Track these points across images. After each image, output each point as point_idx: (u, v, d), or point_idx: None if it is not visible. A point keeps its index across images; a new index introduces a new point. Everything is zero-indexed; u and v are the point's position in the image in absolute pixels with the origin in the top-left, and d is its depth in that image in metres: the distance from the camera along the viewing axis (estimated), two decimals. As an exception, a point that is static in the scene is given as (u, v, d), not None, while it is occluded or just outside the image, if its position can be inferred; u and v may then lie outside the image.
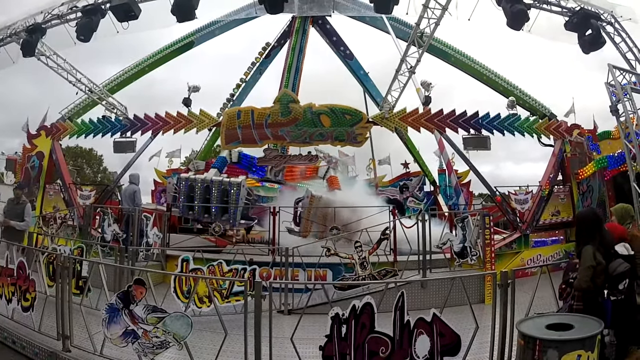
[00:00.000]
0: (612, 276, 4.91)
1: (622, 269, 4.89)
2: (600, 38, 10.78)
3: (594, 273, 4.83)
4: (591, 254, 4.87)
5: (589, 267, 4.83)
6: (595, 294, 4.93)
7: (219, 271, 8.20)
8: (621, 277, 4.89)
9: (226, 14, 18.17)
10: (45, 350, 6.06)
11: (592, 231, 5.09)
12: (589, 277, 4.82)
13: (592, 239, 5.02)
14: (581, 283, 4.87)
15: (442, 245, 10.54)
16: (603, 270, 4.87)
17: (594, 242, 4.98)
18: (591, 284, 4.87)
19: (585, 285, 4.84)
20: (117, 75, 16.45)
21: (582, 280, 4.86)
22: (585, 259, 4.89)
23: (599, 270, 4.85)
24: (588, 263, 4.84)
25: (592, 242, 4.98)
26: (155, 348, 5.19)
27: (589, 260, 4.85)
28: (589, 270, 4.82)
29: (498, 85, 15.19)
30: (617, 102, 8.45)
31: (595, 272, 4.84)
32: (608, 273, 4.90)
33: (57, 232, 12.06)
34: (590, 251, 4.89)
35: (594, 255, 4.86)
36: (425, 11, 11.43)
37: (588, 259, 4.86)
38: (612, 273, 4.90)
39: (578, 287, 4.95)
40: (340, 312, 4.69)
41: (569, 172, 13.52)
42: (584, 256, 4.92)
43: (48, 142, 14.80)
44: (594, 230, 5.10)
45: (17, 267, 6.78)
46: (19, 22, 12.05)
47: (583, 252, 4.95)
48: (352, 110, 15.09)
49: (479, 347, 5.25)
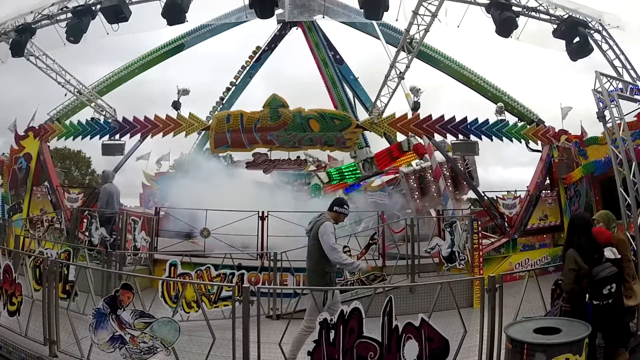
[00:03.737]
0: (594, 280, 5.02)
1: (605, 273, 5.01)
2: (587, 45, 10.91)
3: (577, 276, 4.99)
4: (572, 257, 5.04)
5: (570, 269, 5.05)
6: (581, 296, 5.08)
7: (207, 276, 8.18)
8: (605, 281, 5.01)
9: (216, 17, 18.16)
10: (32, 355, 5.98)
11: (573, 236, 5.31)
12: (572, 280, 5.03)
13: (573, 243, 5.24)
14: (564, 285, 5.12)
15: (431, 250, 10.57)
16: (586, 274, 4.98)
17: (574, 246, 5.19)
18: (575, 287, 5.02)
19: (568, 287, 5.06)
20: (107, 77, 16.35)
21: (564, 283, 5.12)
22: (567, 263, 5.13)
23: (582, 274, 4.99)
24: (569, 266, 5.07)
25: (575, 246, 5.18)
26: (143, 353, 5.14)
27: (570, 264, 5.07)
28: (570, 273, 5.05)
29: (487, 91, 15.34)
30: (604, 108, 8.53)
31: (579, 275, 4.98)
32: (591, 277, 5.02)
33: (44, 235, 11.94)
34: (571, 255, 5.07)
35: (574, 260, 5.01)
36: (415, 17, 11.48)
37: (569, 263, 5.09)
38: (595, 277, 5.03)
39: (563, 289, 5.18)
40: (329, 317, 4.69)
41: (557, 177, 13.66)
42: (566, 260, 5.17)
43: (36, 144, 14.63)
44: (575, 234, 5.31)
45: (4, 270, 6.68)
46: (9, 22, 11.91)
47: (566, 256, 5.20)
48: (341, 115, 15.19)
49: (468, 352, 5.27)
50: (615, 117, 8.49)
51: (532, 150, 14.33)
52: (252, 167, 16.55)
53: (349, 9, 17.38)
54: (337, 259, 5.92)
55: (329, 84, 19.88)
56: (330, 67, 19.94)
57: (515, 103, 14.90)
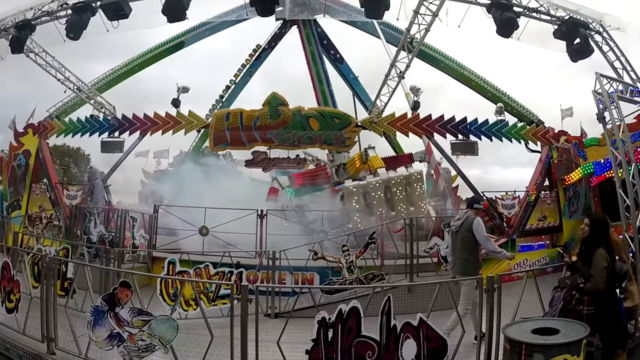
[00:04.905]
0: (619, 276, 5.05)
1: (625, 268, 5.08)
2: (588, 46, 10.93)
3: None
4: (604, 255, 5.00)
5: (604, 268, 4.96)
6: (605, 295, 5.04)
7: (205, 274, 8.16)
8: (625, 276, 5.05)
9: (217, 15, 18.13)
10: (30, 353, 5.97)
11: (604, 235, 5.27)
12: (604, 278, 4.94)
13: (602, 242, 5.18)
14: (598, 284, 4.96)
15: (430, 250, 10.57)
16: (610, 272, 4.98)
17: (604, 245, 5.14)
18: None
19: (602, 286, 4.94)
20: (107, 74, 16.34)
21: (599, 282, 4.95)
22: (600, 261, 5.00)
23: (608, 271, 4.98)
24: (603, 264, 4.97)
25: (603, 245, 5.13)
26: (141, 351, 5.14)
27: (603, 262, 4.98)
28: (604, 271, 4.96)
29: (486, 91, 15.34)
30: (604, 110, 8.52)
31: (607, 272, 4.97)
32: (615, 273, 5.02)
33: (42, 232, 11.92)
34: (603, 253, 5.02)
35: (606, 257, 5.01)
36: (416, 17, 11.49)
37: (602, 261, 4.99)
38: (620, 272, 5.05)
39: (593, 289, 5.01)
40: (327, 316, 4.68)
41: (556, 177, 13.65)
42: (597, 259, 5.03)
43: (35, 141, 14.62)
44: (605, 233, 5.28)
45: (2, 267, 6.68)
46: (9, 18, 11.90)
47: (595, 255, 5.06)
48: (341, 114, 15.17)
49: (466, 352, 5.29)
50: (615, 118, 8.48)
51: (531, 150, 14.34)
52: (252, 165, 16.54)
53: (349, 7, 17.39)
54: (491, 247, 6.82)
55: (315, 79, 19.76)
56: (318, 63, 19.77)
57: (515, 103, 14.90)
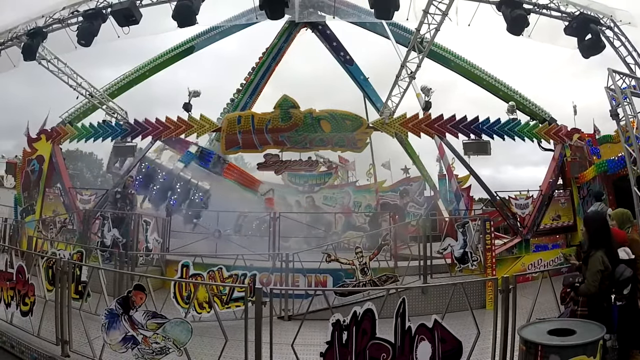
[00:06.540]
0: (618, 281, 4.90)
1: (627, 274, 4.89)
2: (599, 42, 10.80)
3: (602, 278, 4.83)
4: (600, 258, 4.86)
5: (598, 271, 4.82)
6: (600, 299, 4.92)
7: (219, 277, 8.18)
8: (627, 282, 4.89)
9: (227, 19, 18.14)
10: (44, 355, 6.03)
11: (603, 235, 5.10)
12: (598, 282, 4.81)
13: (602, 243, 5.02)
14: (590, 287, 4.85)
15: (443, 251, 10.51)
16: (609, 275, 4.85)
17: (603, 246, 4.98)
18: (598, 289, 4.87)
19: (594, 289, 4.81)
20: (118, 79, 16.41)
21: (590, 285, 4.84)
22: (594, 264, 4.88)
23: (605, 275, 4.84)
24: (598, 267, 4.84)
25: (602, 246, 4.98)
26: (155, 354, 5.16)
27: (598, 265, 4.84)
28: (597, 275, 4.82)
29: (498, 90, 15.21)
30: (617, 106, 8.44)
31: (602, 276, 4.83)
32: (614, 278, 4.89)
33: (56, 237, 12.03)
34: (600, 256, 4.88)
35: (602, 260, 4.85)
36: (426, 17, 11.42)
37: (597, 264, 4.86)
38: (619, 278, 4.89)
39: (586, 292, 4.92)
40: (341, 318, 4.67)
41: (569, 176, 13.52)
42: (592, 261, 4.92)
43: (48, 146, 14.78)
44: (604, 234, 5.11)
45: (17, 271, 6.76)
46: (20, 26, 12.05)
47: (592, 257, 4.94)
48: (353, 116, 15.11)
49: (481, 353, 5.24)
50: (628, 114, 8.40)
51: (544, 149, 14.18)
52: (264, 168, 16.55)
53: (358, 9, 17.30)
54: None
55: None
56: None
57: (526, 102, 14.76)
